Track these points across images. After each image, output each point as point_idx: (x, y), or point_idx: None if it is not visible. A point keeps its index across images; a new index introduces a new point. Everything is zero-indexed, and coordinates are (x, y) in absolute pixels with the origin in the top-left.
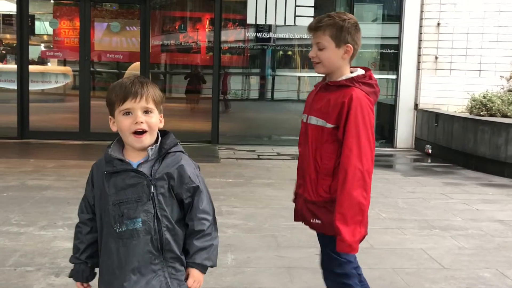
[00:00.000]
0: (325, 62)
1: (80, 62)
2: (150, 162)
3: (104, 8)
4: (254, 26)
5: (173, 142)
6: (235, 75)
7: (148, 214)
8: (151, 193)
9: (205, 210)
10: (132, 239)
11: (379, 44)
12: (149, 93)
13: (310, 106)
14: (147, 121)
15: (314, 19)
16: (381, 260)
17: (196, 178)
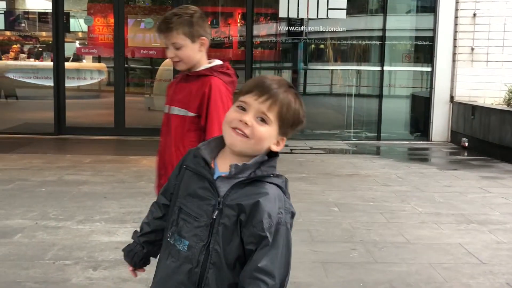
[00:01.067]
0: (185, 59)
1: (115, 59)
2: (232, 181)
3: (137, 4)
4: (286, 20)
5: (270, 171)
6: (267, 69)
7: (199, 241)
8: (212, 219)
9: (265, 269)
10: (173, 259)
11: (413, 36)
12: (279, 100)
13: (172, 97)
14: (254, 127)
15: (161, 20)
16: (418, 255)
17: (271, 226)
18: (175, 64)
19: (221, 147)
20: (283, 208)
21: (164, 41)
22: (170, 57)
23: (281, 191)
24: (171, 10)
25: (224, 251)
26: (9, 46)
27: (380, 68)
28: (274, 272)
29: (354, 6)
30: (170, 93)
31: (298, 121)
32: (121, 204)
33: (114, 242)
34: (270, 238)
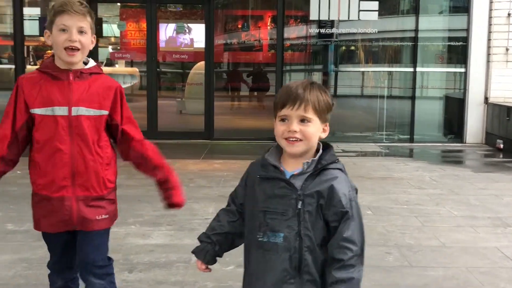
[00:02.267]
0: (85, 49)
1: (147, 63)
2: (304, 176)
3: (168, 9)
4: (317, 22)
5: (332, 158)
6: (297, 72)
7: (291, 230)
8: (297, 209)
9: (349, 239)
10: (271, 252)
11: (446, 37)
12: (310, 100)
13: (67, 98)
14: (302, 130)
15: (70, 1)
16: (454, 259)
17: (348, 202)
18: (71, 54)
19: (280, 153)
20: (350, 187)
21: (68, 22)
22: (72, 40)
23: (343, 173)
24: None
25: (313, 234)
26: (43, 51)
27: (412, 69)
28: (356, 240)
29: (386, 7)
30: (55, 92)
31: (330, 106)
32: (155, 207)
33: (149, 244)
34: (350, 212)
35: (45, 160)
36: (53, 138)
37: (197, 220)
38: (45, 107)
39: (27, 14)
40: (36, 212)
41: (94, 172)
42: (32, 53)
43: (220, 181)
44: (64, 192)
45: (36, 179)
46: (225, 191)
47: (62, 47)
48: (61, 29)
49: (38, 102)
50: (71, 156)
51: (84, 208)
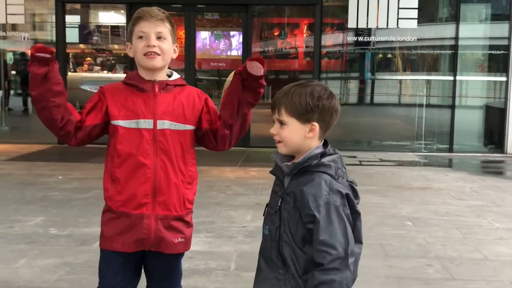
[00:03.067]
0: (167, 56)
1: (185, 70)
2: (290, 175)
3: (205, 17)
4: (354, 30)
5: (312, 160)
6: (334, 79)
7: (274, 224)
8: (278, 206)
9: (326, 242)
10: (264, 241)
11: (487, 45)
12: (282, 104)
13: (153, 110)
14: (279, 132)
15: (150, 8)
16: (497, 273)
17: (318, 206)
18: (151, 57)
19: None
20: (330, 190)
21: (145, 28)
22: (150, 45)
23: (330, 177)
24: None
25: (290, 231)
26: (83, 58)
27: (452, 77)
28: (335, 244)
29: (425, 15)
30: (140, 105)
31: (310, 107)
32: (194, 214)
33: (188, 251)
34: (318, 216)
35: (126, 175)
36: (136, 152)
37: (235, 228)
38: (130, 119)
39: (68, 22)
40: (109, 229)
41: (176, 190)
42: (72, 60)
43: (257, 188)
44: (144, 209)
45: (114, 196)
46: (262, 199)
47: (141, 53)
48: (139, 36)
49: (122, 114)
50: (154, 171)
51: (162, 228)
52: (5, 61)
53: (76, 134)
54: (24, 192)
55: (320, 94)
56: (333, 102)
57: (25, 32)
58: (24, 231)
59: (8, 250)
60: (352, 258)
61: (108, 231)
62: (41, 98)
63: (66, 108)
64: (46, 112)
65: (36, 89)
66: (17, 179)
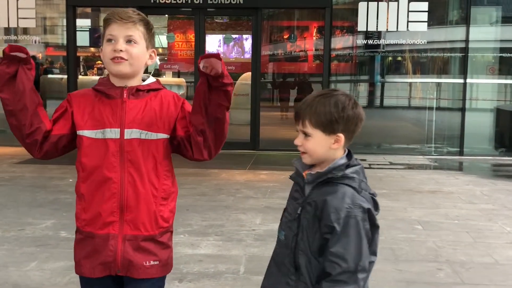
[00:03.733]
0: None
1: (195, 74)
2: (312, 184)
3: (215, 20)
4: (363, 33)
5: (337, 172)
6: (343, 82)
7: (291, 231)
8: (298, 214)
9: (337, 254)
10: (278, 247)
11: (498, 48)
12: (306, 115)
13: (120, 118)
14: (303, 143)
15: (124, 10)
16: (508, 277)
17: (339, 218)
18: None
19: None
20: (352, 204)
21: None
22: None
23: (353, 190)
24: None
25: (308, 240)
26: (93, 62)
27: (462, 80)
28: (347, 257)
29: (435, 18)
30: (107, 113)
31: (334, 118)
32: (203, 217)
33: (198, 254)
34: (338, 228)
35: (91, 191)
36: (101, 165)
37: (244, 231)
38: (96, 129)
39: (79, 26)
40: (77, 252)
41: (146, 207)
42: (83, 63)
43: (267, 192)
44: (110, 229)
45: (80, 214)
46: (271, 202)
47: (108, 58)
48: (108, 39)
49: (88, 124)
50: (121, 185)
51: (130, 250)
52: None
53: (42, 145)
54: (35, 195)
55: (345, 105)
56: (357, 111)
57: (36, 35)
58: (34, 234)
59: (19, 253)
60: (363, 274)
61: (77, 254)
62: (8, 101)
63: (37, 114)
64: (13, 117)
65: (5, 91)
66: (28, 182)
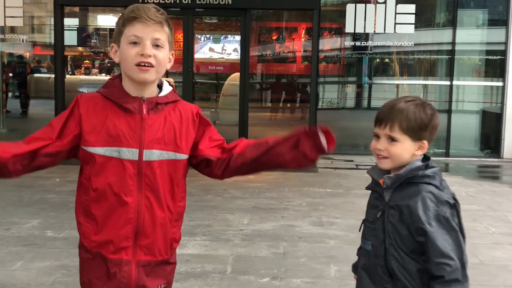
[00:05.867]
0: (161, 67)
1: (183, 74)
2: (392, 188)
3: (203, 20)
4: (351, 34)
5: (416, 172)
6: (331, 83)
7: (377, 239)
8: (382, 220)
9: (440, 254)
10: (365, 258)
11: (484, 50)
12: (397, 120)
13: (139, 137)
14: (388, 149)
15: (151, 8)
16: (493, 277)
17: (428, 218)
18: (144, 69)
19: None
20: (438, 202)
21: (140, 32)
22: (145, 54)
23: (435, 187)
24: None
25: (397, 244)
26: (81, 61)
27: (449, 82)
28: (451, 254)
29: (422, 20)
30: (124, 129)
31: (424, 124)
32: (190, 217)
33: (185, 254)
34: (431, 229)
35: (104, 214)
36: (117, 187)
37: (231, 231)
38: (110, 146)
39: (66, 25)
40: (87, 271)
41: (162, 231)
42: (70, 63)
43: (254, 192)
44: (123, 254)
45: (89, 234)
46: (259, 202)
47: (132, 63)
48: (131, 41)
49: (101, 140)
50: (137, 210)
51: (143, 275)
52: (4, 63)
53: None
54: (21, 195)
55: (432, 112)
56: (438, 119)
57: (23, 34)
58: (21, 233)
59: (4, 252)
60: (467, 269)
61: (87, 273)
62: None
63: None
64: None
65: None
66: (13, 182)
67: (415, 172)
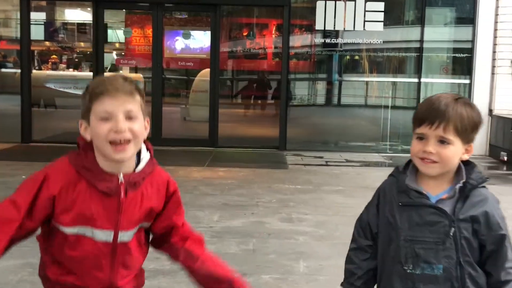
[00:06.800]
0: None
1: (153, 69)
2: (453, 199)
3: (174, 16)
4: (321, 31)
5: (481, 178)
6: (302, 80)
7: (450, 260)
8: (453, 236)
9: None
10: (429, 284)
11: (451, 48)
12: (451, 119)
13: (115, 220)
14: (439, 152)
15: (116, 78)
16: None
17: (504, 223)
18: (120, 149)
19: (416, 172)
20: (497, 203)
21: (110, 107)
22: (119, 130)
23: (488, 190)
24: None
25: (472, 259)
26: (48, 56)
27: (417, 80)
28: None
29: (391, 18)
30: (98, 211)
31: (475, 125)
32: None
33: (154, 252)
34: (505, 232)
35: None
36: (90, 263)
37: (201, 228)
38: (83, 225)
39: (33, 19)
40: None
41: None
42: (37, 58)
43: (225, 189)
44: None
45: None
46: (229, 199)
47: (105, 141)
48: (102, 117)
49: (74, 220)
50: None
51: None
52: None
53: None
54: None
55: (479, 111)
56: None
57: None
58: None
59: None
60: None
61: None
62: None
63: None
64: None
65: None
66: None
67: (478, 178)
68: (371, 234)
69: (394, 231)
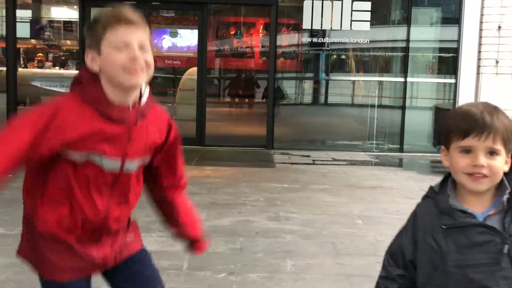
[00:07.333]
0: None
1: None
2: (500, 214)
3: (160, 14)
4: (309, 31)
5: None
6: (289, 79)
7: (509, 281)
8: (507, 254)
9: None
10: None
11: (437, 48)
12: (499, 129)
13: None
14: (489, 164)
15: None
16: None
17: None
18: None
19: (455, 189)
20: None
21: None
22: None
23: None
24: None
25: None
26: (34, 54)
27: (403, 79)
28: None
29: (378, 18)
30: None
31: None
32: (147, 213)
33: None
34: None
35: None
36: (92, 188)
37: None
38: (93, 151)
39: (19, 17)
40: (51, 256)
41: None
42: (23, 55)
43: (212, 188)
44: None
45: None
46: (216, 198)
47: (121, 69)
48: (117, 46)
49: (83, 145)
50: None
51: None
52: None
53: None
54: None
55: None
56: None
57: None
58: None
59: None
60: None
61: (52, 258)
62: None
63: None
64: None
65: None
66: None
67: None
68: (404, 261)
69: (438, 256)
